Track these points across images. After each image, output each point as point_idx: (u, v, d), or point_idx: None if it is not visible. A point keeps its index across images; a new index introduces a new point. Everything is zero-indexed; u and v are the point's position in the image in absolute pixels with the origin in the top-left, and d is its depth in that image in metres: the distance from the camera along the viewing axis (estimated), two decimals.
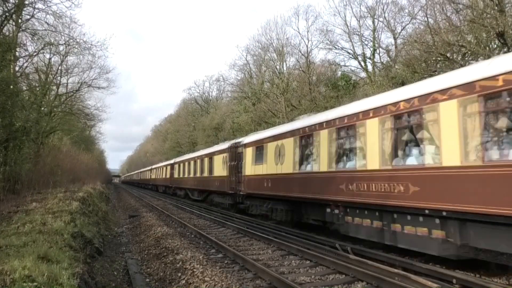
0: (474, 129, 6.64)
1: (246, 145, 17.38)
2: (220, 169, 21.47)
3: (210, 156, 24.18)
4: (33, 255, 5.86)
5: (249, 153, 16.83)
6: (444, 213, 7.06)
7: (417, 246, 7.87)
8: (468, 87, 6.71)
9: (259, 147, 15.77)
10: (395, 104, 8.40)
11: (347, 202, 9.76)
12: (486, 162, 6.37)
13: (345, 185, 9.68)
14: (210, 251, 10.36)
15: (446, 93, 7.12)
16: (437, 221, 7.34)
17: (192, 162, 29.30)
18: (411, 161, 8.08)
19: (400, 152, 8.44)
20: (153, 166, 56.17)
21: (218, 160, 22.05)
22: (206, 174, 24.90)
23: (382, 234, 8.77)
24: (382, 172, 8.58)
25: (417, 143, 8.14)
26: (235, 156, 18.93)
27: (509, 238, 6.11)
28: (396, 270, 7.11)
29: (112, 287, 7.73)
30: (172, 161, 39.73)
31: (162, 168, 45.11)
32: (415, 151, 8.12)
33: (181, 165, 33.42)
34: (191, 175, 29.22)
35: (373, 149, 8.92)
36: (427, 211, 7.40)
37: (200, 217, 18.65)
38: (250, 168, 16.49)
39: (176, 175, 35.75)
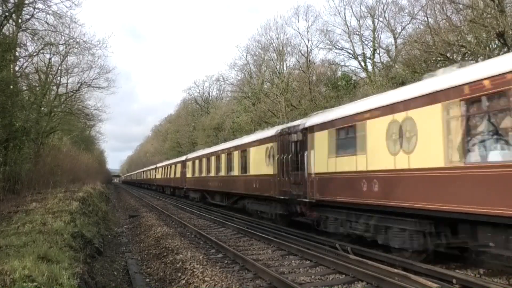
0: None
1: (312, 129, 11.84)
2: (260, 165, 15.80)
3: (243, 148, 18.32)
4: (33, 255, 5.86)
5: (321, 139, 11.32)
6: None
7: None
8: None
9: (345, 128, 10.37)
10: None
11: None
12: None
13: None
14: (210, 251, 10.36)
15: None
16: None
17: (213, 158, 23.46)
18: None
19: None
20: (159, 165, 49.19)
21: (258, 153, 16.28)
22: (236, 172, 19.31)
23: None
24: None
25: None
26: (287, 147, 13.63)
27: None
28: (396, 270, 7.11)
29: (112, 287, 7.73)
30: (183, 158, 34.13)
31: (171, 167, 38.90)
32: None
33: (197, 162, 27.55)
34: (212, 173, 23.63)
35: None
36: None
37: (200, 217, 18.66)
38: (324, 162, 11.00)
39: (189, 174, 30.10)
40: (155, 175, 50.32)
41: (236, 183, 19.15)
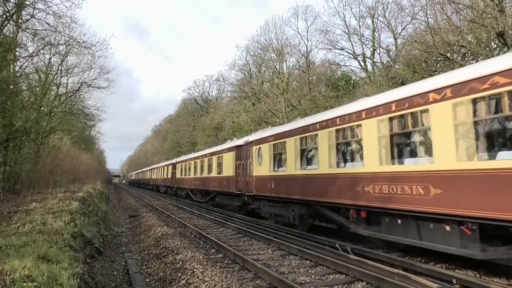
0: None
1: None
2: None
3: None
4: (33, 255, 5.86)
5: None
6: None
7: None
8: None
9: None
10: None
11: None
12: None
13: None
14: (210, 251, 10.36)
15: None
16: None
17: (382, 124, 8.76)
18: None
19: None
20: (182, 158, 34.14)
21: None
22: None
23: None
24: None
25: None
26: None
27: None
28: (396, 270, 7.11)
29: (112, 287, 7.73)
30: (241, 142, 18.74)
31: (211, 159, 23.61)
32: None
33: (291, 142, 12.74)
34: (375, 164, 8.85)
35: None
36: None
37: (200, 217, 18.65)
38: None
39: (263, 170, 14.97)
40: (175, 174, 35.45)
41: None
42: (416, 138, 8.12)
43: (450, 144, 7.05)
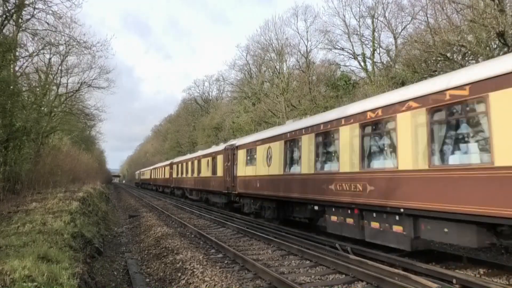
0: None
1: None
2: None
3: None
4: (33, 255, 5.86)
5: None
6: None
7: None
8: None
9: None
10: None
11: None
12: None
13: None
14: (210, 251, 10.36)
15: None
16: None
17: None
18: None
19: None
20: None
21: None
22: None
23: None
24: None
25: None
26: None
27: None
28: (396, 270, 7.11)
29: (112, 287, 7.73)
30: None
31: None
32: None
33: None
34: None
35: None
36: None
37: (200, 217, 18.65)
38: None
39: None
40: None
41: None
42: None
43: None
